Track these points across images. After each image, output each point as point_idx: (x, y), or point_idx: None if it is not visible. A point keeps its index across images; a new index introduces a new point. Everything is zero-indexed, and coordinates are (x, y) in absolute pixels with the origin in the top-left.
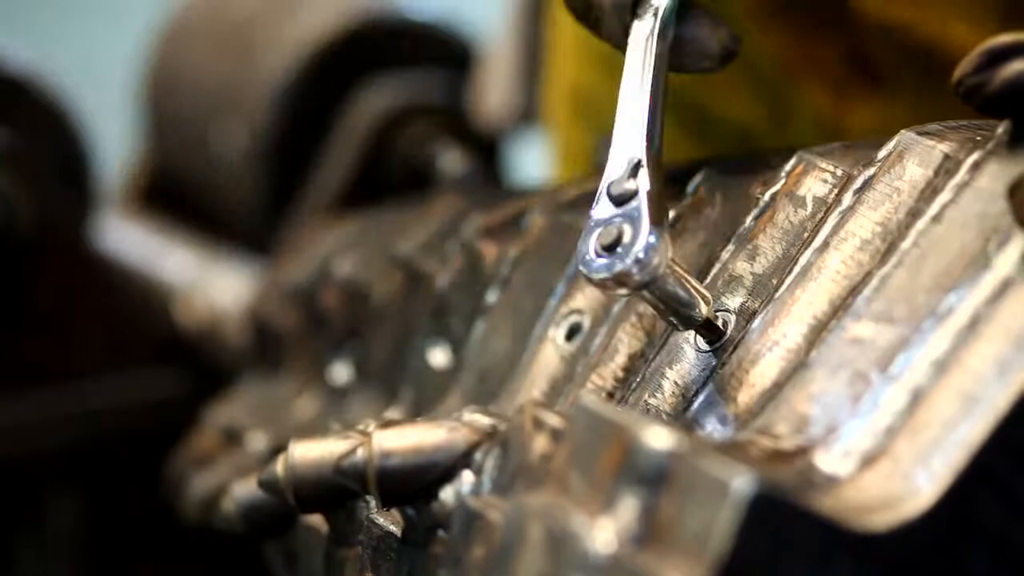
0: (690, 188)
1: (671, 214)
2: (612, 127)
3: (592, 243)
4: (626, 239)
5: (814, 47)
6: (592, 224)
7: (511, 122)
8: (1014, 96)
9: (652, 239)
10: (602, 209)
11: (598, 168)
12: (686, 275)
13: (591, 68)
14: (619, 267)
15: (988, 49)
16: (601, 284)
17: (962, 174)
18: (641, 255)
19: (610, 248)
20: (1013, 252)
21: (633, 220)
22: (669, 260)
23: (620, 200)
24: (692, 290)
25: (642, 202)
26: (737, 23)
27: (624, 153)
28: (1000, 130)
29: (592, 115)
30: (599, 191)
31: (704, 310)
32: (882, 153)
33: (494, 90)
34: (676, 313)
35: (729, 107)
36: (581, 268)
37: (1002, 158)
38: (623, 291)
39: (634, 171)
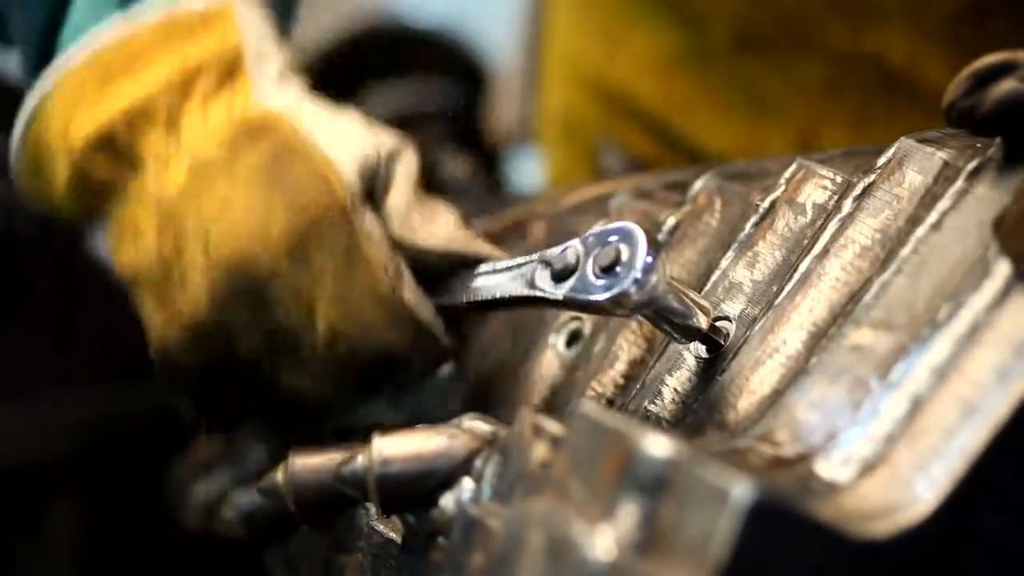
0: (690, 195)
1: (671, 221)
2: (609, 137)
3: (590, 265)
4: (624, 258)
5: (793, 73)
6: (572, 290)
7: (515, 138)
8: (1006, 115)
9: (650, 259)
10: (562, 287)
11: (600, 172)
12: (684, 289)
13: (578, 94)
14: (618, 288)
15: (975, 71)
16: (600, 307)
17: (961, 181)
18: (639, 275)
19: (608, 269)
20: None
21: (628, 239)
22: (668, 278)
23: (571, 270)
24: (691, 303)
25: (614, 226)
26: (715, 52)
27: (525, 278)
28: (999, 139)
29: (579, 138)
30: (545, 293)
31: (704, 322)
32: (881, 160)
33: (502, 106)
34: (675, 326)
35: (710, 134)
36: (581, 293)
37: (1001, 167)
38: (623, 312)
39: (557, 251)
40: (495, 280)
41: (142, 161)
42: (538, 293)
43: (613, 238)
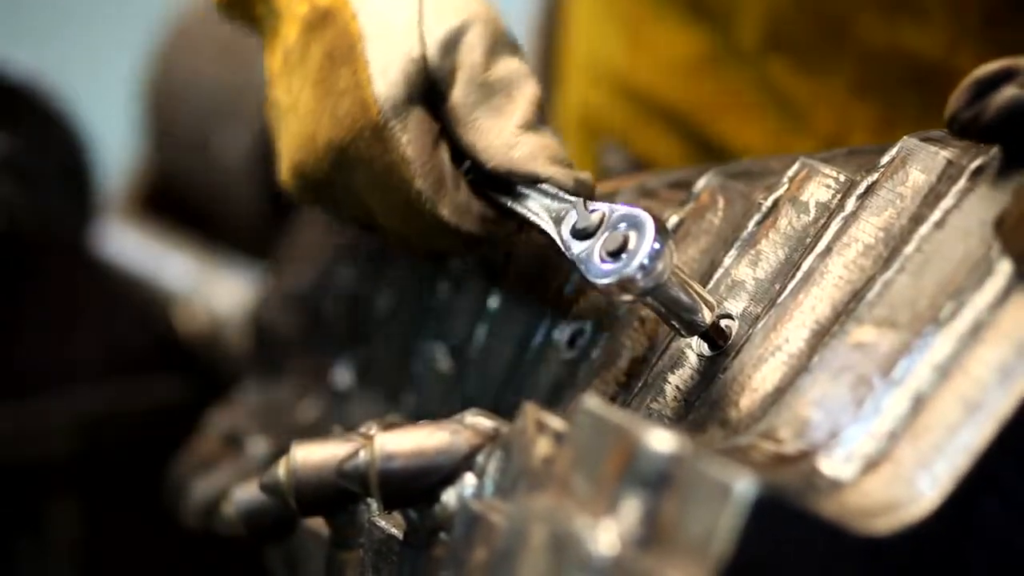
0: (693, 193)
1: (674, 219)
2: (616, 137)
3: (597, 249)
4: (631, 245)
5: (821, 74)
6: (583, 255)
7: None
8: (1009, 123)
9: (657, 245)
10: (580, 247)
11: (603, 173)
12: (690, 281)
13: (598, 90)
14: (624, 273)
15: (976, 80)
16: (606, 290)
17: (964, 180)
18: (646, 261)
19: (615, 254)
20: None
21: (637, 226)
22: (673, 266)
23: (592, 230)
24: (696, 296)
25: (629, 209)
26: (742, 52)
27: (557, 218)
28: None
29: (599, 134)
30: (562, 241)
31: (708, 316)
32: (885, 159)
33: None
34: (680, 319)
35: (736, 136)
36: (587, 275)
37: (1004, 166)
38: (627, 297)
39: (584, 207)
40: (534, 200)
41: (259, 23)
42: (556, 237)
43: (622, 224)
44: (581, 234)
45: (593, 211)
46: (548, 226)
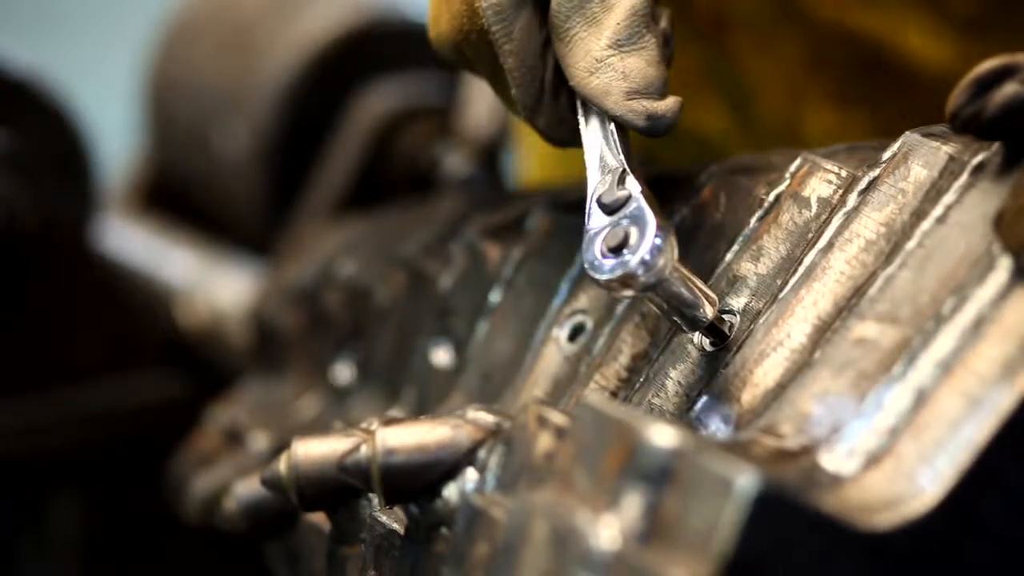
0: (695, 190)
1: (676, 215)
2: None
3: (598, 245)
4: (632, 240)
5: (774, 54)
6: (591, 234)
7: (496, 132)
8: (1010, 118)
9: (658, 240)
10: (596, 220)
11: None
12: (691, 276)
13: None
14: (625, 268)
15: (977, 77)
16: (607, 285)
17: (966, 176)
18: (647, 257)
19: (616, 250)
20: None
21: (639, 222)
22: (675, 262)
23: (613, 208)
24: (697, 291)
25: (641, 204)
26: (694, 33)
27: (603, 168)
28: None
29: None
30: (587, 205)
31: (709, 312)
32: (887, 155)
33: (480, 101)
34: (681, 314)
35: (694, 118)
36: (588, 269)
37: (1005, 162)
38: (628, 292)
39: (620, 180)
40: (599, 136)
41: None
42: (589, 191)
43: (624, 220)
44: (604, 207)
45: (623, 189)
46: (593, 173)
